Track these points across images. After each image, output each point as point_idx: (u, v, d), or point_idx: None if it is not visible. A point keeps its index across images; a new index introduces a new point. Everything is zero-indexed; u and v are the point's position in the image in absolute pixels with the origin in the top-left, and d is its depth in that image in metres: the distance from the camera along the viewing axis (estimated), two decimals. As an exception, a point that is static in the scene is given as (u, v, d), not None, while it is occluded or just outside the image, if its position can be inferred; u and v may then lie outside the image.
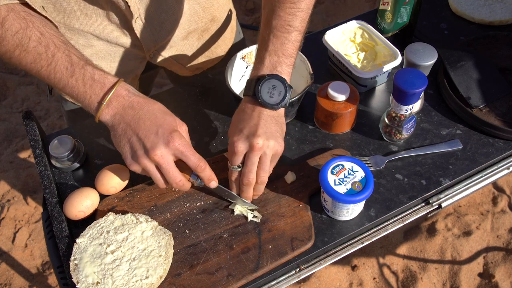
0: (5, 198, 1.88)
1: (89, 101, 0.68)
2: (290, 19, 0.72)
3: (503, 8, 1.06)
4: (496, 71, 0.91)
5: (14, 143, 2.04)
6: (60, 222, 0.74)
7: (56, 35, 0.70)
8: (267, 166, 0.71)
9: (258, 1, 2.65)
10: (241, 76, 0.93)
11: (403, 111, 0.78)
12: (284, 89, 0.71)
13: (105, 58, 0.90)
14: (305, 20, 0.73)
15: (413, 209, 0.80)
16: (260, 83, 0.70)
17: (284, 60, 0.72)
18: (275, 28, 0.72)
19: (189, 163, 0.69)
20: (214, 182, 0.73)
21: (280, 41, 0.72)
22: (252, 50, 0.91)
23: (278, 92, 0.71)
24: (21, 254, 1.73)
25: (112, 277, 0.65)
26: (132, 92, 0.70)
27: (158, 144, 0.66)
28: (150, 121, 0.67)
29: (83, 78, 0.68)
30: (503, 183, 1.80)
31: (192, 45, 0.99)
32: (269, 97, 0.71)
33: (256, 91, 0.70)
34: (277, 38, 0.72)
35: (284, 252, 0.71)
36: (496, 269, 1.58)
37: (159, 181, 0.69)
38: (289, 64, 0.73)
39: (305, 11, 0.73)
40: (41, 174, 0.80)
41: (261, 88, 0.70)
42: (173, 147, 0.66)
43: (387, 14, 0.96)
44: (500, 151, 0.83)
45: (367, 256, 1.64)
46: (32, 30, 0.68)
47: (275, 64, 0.72)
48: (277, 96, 0.71)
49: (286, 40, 0.72)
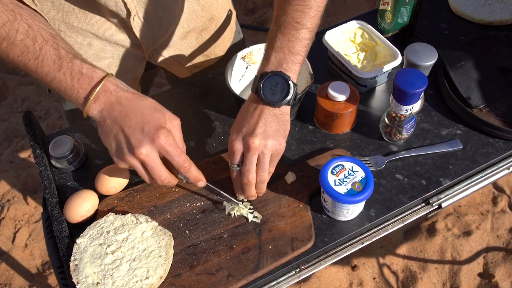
0: (5, 198, 1.87)
1: (77, 95, 0.67)
2: (298, 16, 0.70)
3: (503, 8, 1.06)
4: (496, 71, 0.91)
5: (14, 143, 2.04)
6: (60, 223, 0.74)
7: (45, 28, 0.68)
8: (266, 165, 0.71)
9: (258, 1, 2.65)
10: (241, 76, 0.93)
11: (403, 111, 0.78)
12: (287, 87, 0.70)
13: (103, 58, 0.90)
14: (315, 18, 0.72)
15: (413, 209, 0.80)
16: (263, 79, 0.69)
17: (291, 57, 0.71)
18: (282, 25, 0.71)
19: (174, 163, 0.68)
20: (202, 182, 0.72)
21: (287, 38, 0.70)
22: (252, 50, 0.91)
23: (280, 89, 0.70)
24: (21, 254, 1.73)
25: (112, 278, 0.65)
26: (121, 87, 0.68)
27: (143, 142, 0.65)
28: (136, 118, 0.66)
29: (70, 72, 0.66)
30: (503, 183, 1.80)
31: (190, 44, 0.99)
32: (271, 94, 0.70)
33: (258, 88, 0.69)
34: (284, 35, 0.71)
35: (284, 252, 0.71)
36: (496, 269, 1.58)
37: (145, 178, 0.69)
38: (296, 62, 0.71)
39: (314, 9, 0.71)
40: (41, 174, 0.80)
41: (264, 85, 0.69)
42: (158, 145, 0.65)
43: (387, 14, 0.96)
44: (500, 151, 0.83)
45: (367, 256, 1.64)
46: (20, 22, 0.66)
47: (281, 61, 0.70)
48: (279, 94, 0.70)
49: (293, 37, 0.70)
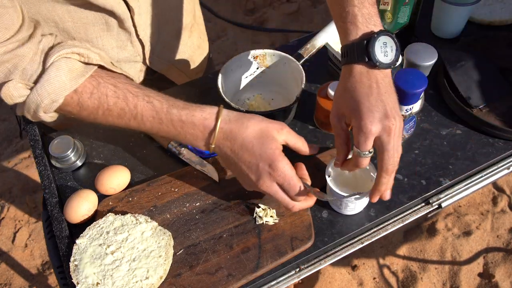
0: (5, 198, 1.88)
1: (186, 139, 0.67)
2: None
3: (503, 8, 1.06)
4: (496, 71, 0.91)
5: (14, 143, 2.05)
6: (60, 222, 0.74)
7: (127, 81, 0.68)
8: (401, 148, 0.63)
9: (258, 1, 2.65)
10: (249, 74, 0.92)
11: (403, 111, 0.78)
12: (394, 44, 0.63)
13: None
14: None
15: (413, 209, 0.80)
16: (372, 43, 0.61)
17: (374, 10, 0.64)
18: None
19: (290, 194, 0.66)
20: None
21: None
22: (266, 54, 0.90)
23: (390, 48, 0.63)
24: (21, 254, 1.73)
25: (112, 278, 0.65)
26: (223, 120, 0.65)
27: (262, 177, 0.64)
28: (248, 154, 0.64)
29: (172, 123, 0.65)
30: (503, 183, 1.80)
31: (185, 44, 1.00)
32: (383, 56, 0.62)
33: (372, 54, 0.61)
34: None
35: (284, 251, 0.71)
36: (496, 269, 1.58)
37: (285, 203, 0.67)
38: (377, 14, 0.65)
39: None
40: (41, 174, 0.80)
41: (375, 49, 0.61)
42: (274, 178, 0.64)
43: (387, 14, 0.96)
44: (500, 151, 0.83)
45: (367, 256, 1.64)
46: (105, 85, 0.66)
47: (370, 16, 0.63)
48: (390, 53, 0.63)
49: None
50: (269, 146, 0.64)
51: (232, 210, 0.76)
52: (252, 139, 0.64)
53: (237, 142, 0.64)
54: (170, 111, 0.65)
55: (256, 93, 0.94)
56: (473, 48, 0.96)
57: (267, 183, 0.64)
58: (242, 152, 0.64)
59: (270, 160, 0.63)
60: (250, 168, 0.64)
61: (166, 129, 0.66)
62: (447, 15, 0.97)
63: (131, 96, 0.65)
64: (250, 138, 0.64)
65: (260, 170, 0.64)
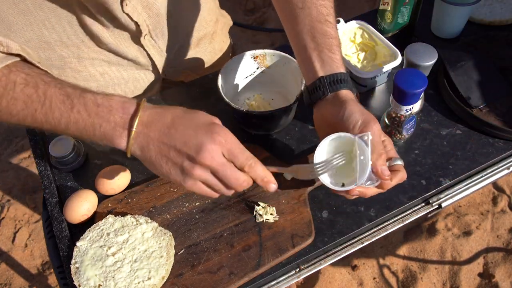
0: (5, 198, 1.88)
1: (100, 130, 0.57)
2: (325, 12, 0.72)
3: (503, 8, 1.06)
4: (496, 71, 0.92)
5: (14, 143, 2.05)
6: (60, 222, 0.74)
7: (44, 73, 0.61)
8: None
9: (258, 1, 2.65)
10: (249, 74, 0.92)
11: (403, 112, 0.78)
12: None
13: (119, 84, 0.90)
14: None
15: (413, 209, 0.80)
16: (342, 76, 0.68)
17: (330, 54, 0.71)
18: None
19: (237, 162, 0.57)
20: (273, 185, 0.61)
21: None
22: (266, 54, 0.89)
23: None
24: (21, 254, 1.73)
25: (114, 279, 0.65)
26: (146, 106, 0.59)
27: (204, 144, 0.55)
28: (182, 125, 0.56)
29: (85, 107, 0.57)
30: (503, 183, 1.80)
31: (205, 51, 1.00)
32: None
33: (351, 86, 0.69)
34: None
35: (285, 248, 0.71)
36: (496, 269, 1.58)
37: (219, 189, 0.59)
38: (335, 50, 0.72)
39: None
40: (41, 174, 0.80)
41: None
42: (219, 142, 0.56)
43: (387, 14, 0.96)
44: (500, 151, 0.83)
45: (367, 256, 1.64)
46: (16, 73, 0.59)
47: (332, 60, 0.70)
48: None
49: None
50: (203, 115, 0.58)
51: (232, 208, 0.76)
52: (183, 113, 0.58)
53: (165, 121, 0.57)
54: (84, 95, 0.57)
55: (256, 93, 0.94)
56: (473, 48, 0.96)
57: (210, 149, 0.55)
58: (175, 126, 0.56)
59: (209, 121, 0.57)
60: (186, 142, 0.55)
61: (77, 117, 0.57)
62: (447, 15, 0.98)
63: (42, 83, 0.58)
64: (181, 113, 0.58)
65: (200, 134, 0.55)
